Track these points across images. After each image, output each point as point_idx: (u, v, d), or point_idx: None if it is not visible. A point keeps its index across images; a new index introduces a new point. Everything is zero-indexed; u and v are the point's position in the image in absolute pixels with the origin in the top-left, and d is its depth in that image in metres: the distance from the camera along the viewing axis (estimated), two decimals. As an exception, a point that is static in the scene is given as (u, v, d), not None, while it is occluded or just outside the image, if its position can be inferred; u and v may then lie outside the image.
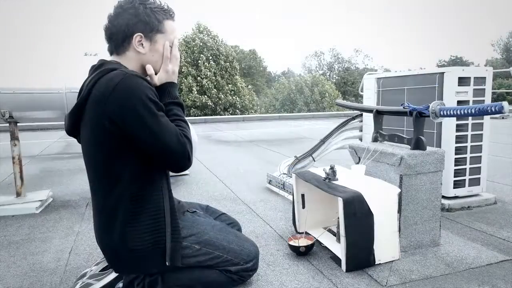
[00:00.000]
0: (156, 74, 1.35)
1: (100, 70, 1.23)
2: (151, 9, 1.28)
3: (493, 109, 1.30)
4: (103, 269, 1.40)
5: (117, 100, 1.14)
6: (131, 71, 1.23)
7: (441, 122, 2.35)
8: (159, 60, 1.33)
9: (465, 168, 2.40)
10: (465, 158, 2.38)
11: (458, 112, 1.49)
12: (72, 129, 1.31)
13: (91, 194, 1.34)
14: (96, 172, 1.28)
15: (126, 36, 1.27)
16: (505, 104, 1.29)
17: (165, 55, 1.34)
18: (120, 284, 1.34)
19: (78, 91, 1.27)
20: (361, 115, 3.09)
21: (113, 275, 1.37)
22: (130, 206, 1.25)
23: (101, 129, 1.18)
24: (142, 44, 1.29)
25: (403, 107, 1.81)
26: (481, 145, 2.42)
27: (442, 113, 1.58)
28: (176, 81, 1.39)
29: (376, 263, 1.62)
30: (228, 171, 3.84)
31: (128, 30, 1.26)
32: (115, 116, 1.15)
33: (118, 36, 1.27)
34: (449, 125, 2.31)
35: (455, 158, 2.35)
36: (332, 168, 1.82)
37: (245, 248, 1.46)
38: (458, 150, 2.35)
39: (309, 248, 1.75)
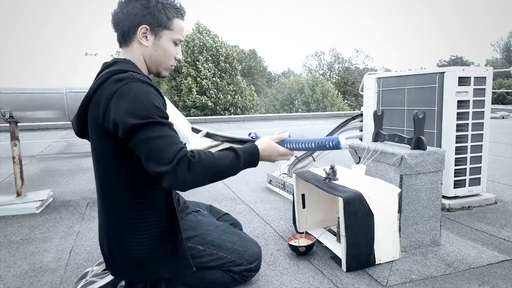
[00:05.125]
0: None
1: (110, 69, 1.20)
2: (163, 4, 1.25)
3: (331, 144, 1.27)
4: (106, 269, 1.40)
5: (120, 103, 1.11)
6: (141, 76, 1.19)
7: (441, 122, 2.34)
8: (161, 57, 1.30)
9: (466, 168, 2.40)
10: (466, 158, 2.38)
11: (300, 146, 1.39)
12: (82, 129, 1.30)
13: (97, 194, 1.33)
14: (98, 172, 1.28)
15: (132, 25, 1.24)
16: (341, 139, 1.24)
17: None
18: (123, 282, 1.34)
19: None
20: (361, 115, 3.09)
21: None
22: (130, 212, 1.24)
23: (102, 130, 1.16)
24: (146, 37, 1.26)
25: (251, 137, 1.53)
26: (481, 145, 2.42)
27: (286, 145, 1.39)
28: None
29: (376, 263, 1.62)
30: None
31: (136, 20, 1.23)
32: (117, 119, 1.11)
33: (124, 24, 1.25)
34: (449, 125, 2.31)
35: (456, 158, 2.35)
36: (332, 168, 1.82)
37: (249, 249, 1.47)
38: (458, 150, 2.35)
39: (309, 248, 1.75)
